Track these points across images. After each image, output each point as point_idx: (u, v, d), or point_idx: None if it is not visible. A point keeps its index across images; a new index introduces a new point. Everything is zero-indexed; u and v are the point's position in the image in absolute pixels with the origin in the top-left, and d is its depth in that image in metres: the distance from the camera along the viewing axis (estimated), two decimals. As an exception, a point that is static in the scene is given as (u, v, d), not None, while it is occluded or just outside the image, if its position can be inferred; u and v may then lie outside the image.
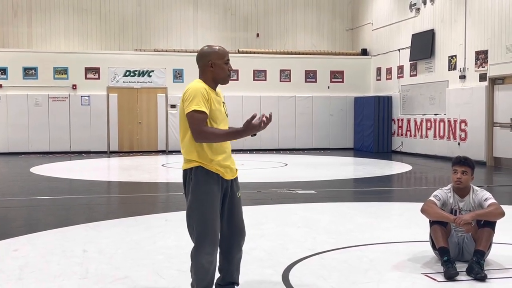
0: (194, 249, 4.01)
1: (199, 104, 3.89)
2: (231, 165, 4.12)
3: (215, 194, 4.00)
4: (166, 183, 13.15)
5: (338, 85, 22.26)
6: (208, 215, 3.97)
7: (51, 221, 7.91)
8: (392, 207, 9.28)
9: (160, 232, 6.90)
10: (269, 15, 23.33)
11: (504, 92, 15.20)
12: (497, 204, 5.21)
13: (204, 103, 3.91)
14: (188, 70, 20.88)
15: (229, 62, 4.13)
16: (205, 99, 3.93)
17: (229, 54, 4.19)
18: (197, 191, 3.97)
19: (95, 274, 5.08)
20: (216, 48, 4.12)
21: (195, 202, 3.99)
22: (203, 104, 3.90)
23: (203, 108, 3.89)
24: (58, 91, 20.12)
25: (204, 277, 4.01)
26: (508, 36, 14.83)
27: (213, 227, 3.99)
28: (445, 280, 4.82)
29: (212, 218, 3.98)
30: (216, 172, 4.01)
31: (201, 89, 3.96)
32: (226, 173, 4.07)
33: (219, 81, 4.11)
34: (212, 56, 4.07)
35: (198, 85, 4.00)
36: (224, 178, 4.06)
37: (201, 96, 3.92)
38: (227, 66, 4.11)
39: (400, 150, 20.23)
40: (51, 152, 19.94)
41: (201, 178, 3.98)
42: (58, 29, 21.81)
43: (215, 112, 4.02)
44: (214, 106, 4.01)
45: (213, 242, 3.99)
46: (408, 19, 19.56)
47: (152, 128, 20.83)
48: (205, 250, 3.96)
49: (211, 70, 4.06)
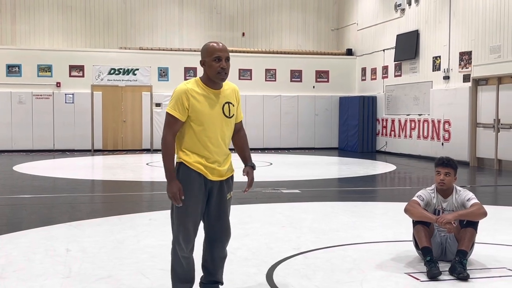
0: (172, 243, 4.10)
1: (173, 108, 3.96)
2: (218, 166, 4.06)
3: (195, 194, 3.99)
4: (151, 182, 13.11)
5: (323, 85, 22.32)
6: (186, 214, 3.99)
7: (34, 219, 7.86)
8: (376, 207, 9.32)
9: (144, 231, 6.88)
10: (255, 14, 23.33)
11: (488, 93, 15.33)
12: (479, 204, 5.25)
13: (178, 106, 3.94)
14: (173, 68, 20.87)
15: (221, 59, 3.97)
16: (180, 102, 3.93)
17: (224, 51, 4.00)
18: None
19: (78, 273, 5.05)
20: (208, 45, 4.04)
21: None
22: (177, 107, 3.94)
23: (174, 113, 3.95)
24: (42, 88, 19.98)
25: (181, 271, 4.08)
26: (492, 37, 14.95)
27: (188, 225, 4.01)
28: (428, 279, 4.85)
29: (189, 217, 4.00)
30: (198, 171, 4.00)
31: (182, 92, 3.96)
32: (211, 174, 4.04)
33: (212, 79, 4.02)
34: (204, 53, 4.04)
35: (181, 87, 4.00)
36: (208, 179, 4.04)
37: (178, 99, 3.95)
38: (218, 64, 3.98)
39: (384, 150, 20.33)
40: (34, 150, 19.78)
41: (183, 176, 4.00)
42: (42, 26, 21.64)
43: (199, 113, 3.97)
44: (200, 108, 3.97)
45: (187, 240, 4.02)
46: (393, 20, 19.65)
47: (137, 126, 20.74)
48: (180, 246, 4.03)
49: (204, 68, 4.04)
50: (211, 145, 4.02)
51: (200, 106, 3.97)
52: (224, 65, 3.98)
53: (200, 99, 3.98)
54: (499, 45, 14.68)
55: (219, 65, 3.98)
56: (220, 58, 3.98)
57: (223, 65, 3.98)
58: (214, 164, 4.04)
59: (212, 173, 4.04)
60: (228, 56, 4.03)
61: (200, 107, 3.97)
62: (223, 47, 4.04)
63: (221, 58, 3.98)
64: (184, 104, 3.93)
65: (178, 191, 3.91)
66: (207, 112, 3.99)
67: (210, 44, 4.04)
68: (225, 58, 3.99)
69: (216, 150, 4.04)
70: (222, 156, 4.08)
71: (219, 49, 4.00)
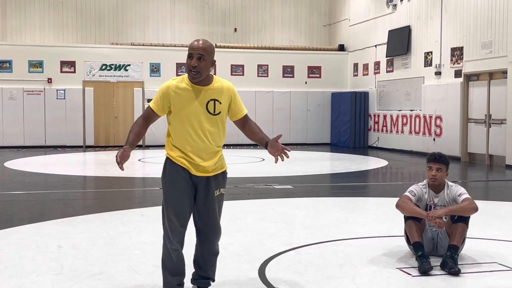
0: (163, 236, 4.14)
1: (153, 101, 4.08)
2: (202, 162, 4.03)
3: (181, 187, 4.02)
4: (143, 178, 13.08)
5: (315, 81, 22.33)
6: (172, 207, 4.03)
7: (26, 216, 7.84)
8: (368, 202, 9.35)
9: (136, 227, 6.87)
10: (247, 10, 23.31)
11: (479, 89, 15.38)
12: (471, 199, 5.27)
13: (158, 101, 4.05)
14: (165, 64, 20.82)
15: (192, 56, 3.89)
16: (161, 97, 4.04)
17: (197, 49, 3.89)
18: (164, 183, 4.10)
19: (70, 269, 5.04)
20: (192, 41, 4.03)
21: (163, 193, 4.12)
22: (155, 101, 4.06)
23: (152, 105, 4.08)
24: (33, 84, 19.88)
25: (170, 264, 4.12)
26: (483, 33, 15.00)
27: (172, 217, 4.03)
28: (419, 274, 4.87)
29: (175, 211, 4.03)
30: (182, 165, 4.02)
31: (165, 88, 4.05)
32: (196, 169, 4.03)
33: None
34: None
35: (166, 84, 4.08)
36: (192, 173, 4.04)
37: (159, 93, 4.05)
38: (189, 61, 3.93)
39: (376, 146, 20.37)
40: (25, 146, 19.70)
41: (168, 170, 4.07)
42: (33, 21, 21.54)
43: (182, 110, 3.98)
44: (181, 104, 3.98)
45: (173, 232, 4.04)
46: (385, 15, 19.67)
47: (129, 122, 20.62)
48: (168, 239, 4.07)
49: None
50: (193, 140, 4.01)
51: (181, 102, 3.99)
52: (194, 62, 3.89)
53: (182, 94, 3.99)
54: (490, 40, 14.73)
55: (190, 63, 3.94)
56: (192, 55, 3.92)
57: (193, 63, 3.90)
58: (197, 159, 4.02)
59: (196, 168, 4.03)
60: (202, 54, 3.89)
61: (181, 103, 3.99)
62: (199, 45, 3.92)
63: (193, 55, 3.91)
64: (164, 99, 4.01)
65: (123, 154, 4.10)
66: (187, 108, 3.99)
67: (191, 42, 4.01)
68: (197, 56, 3.89)
69: (198, 145, 4.02)
70: (206, 152, 4.05)
71: (192, 47, 3.93)
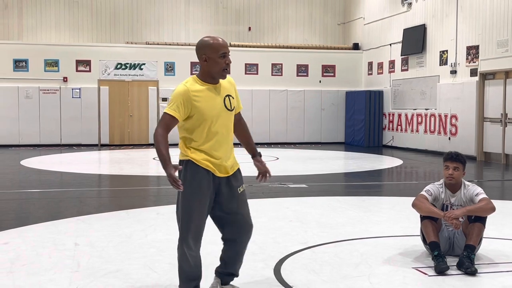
0: (179, 240, 4.04)
1: (171, 108, 3.89)
2: (224, 162, 4.03)
3: (203, 191, 3.97)
4: (157, 177, 13.10)
5: (329, 80, 22.27)
6: (194, 211, 3.96)
7: (42, 214, 7.89)
8: (383, 201, 9.31)
9: (152, 226, 6.90)
10: (261, 8, 23.29)
11: (495, 87, 15.27)
12: (488, 199, 5.24)
13: (177, 107, 3.89)
14: (180, 63, 20.86)
15: (226, 55, 3.96)
16: (180, 103, 3.89)
17: (227, 46, 4.00)
18: (185, 185, 3.91)
19: (86, 267, 5.07)
20: (210, 41, 3.97)
21: (182, 196, 3.97)
22: (176, 108, 3.89)
23: (172, 112, 3.88)
24: (49, 83, 20.01)
25: (188, 269, 4.03)
26: (499, 31, 14.88)
27: (197, 223, 3.98)
28: (435, 274, 4.85)
29: (197, 215, 3.97)
30: (206, 168, 3.98)
31: (180, 92, 3.91)
32: (219, 171, 4.03)
33: (215, 76, 3.99)
34: (206, 50, 3.95)
35: (181, 88, 3.94)
36: (216, 175, 4.02)
37: (178, 100, 3.89)
38: (224, 60, 3.96)
39: (391, 145, 20.28)
40: (41, 145, 19.84)
41: (190, 173, 3.96)
42: (49, 21, 21.68)
43: (204, 111, 3.92)
44: (202, 105, 3.92)
45: (196, 238, 4.00)
46: (399, 14, 19.58)
47: (143, 121, 20.76)
48: (188, 244, 3.98)
49: (206, 64, 3.97)
50: (217, 140, 3.99)
51: (202, 103, 3.93)
52: (228, 60, 3.99)
53: (201, 96, 3.94)
54: (507, 39, 14.61)
55: (225, 61, 3.96)
56: (225, 54, 3.96)
57: (228, 60, 3.98)
58: (220, 160, 4.01)
59: (219, 169, 4.02)
60: (229, 51, 4.03)
61: (202, 104, 3.93)
62: (226, 42, 4.03)
63: (226, 54, 3.97)
64: (186, 105, 3.89)
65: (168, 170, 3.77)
66: (209, 108, 3.95)
67: (211, 41, 3.98)
68: (228, 53, 4.00)
69: (222, 145, 4.02)
70: (227, 151, 4.06)
71: (223, 45, 3.98)
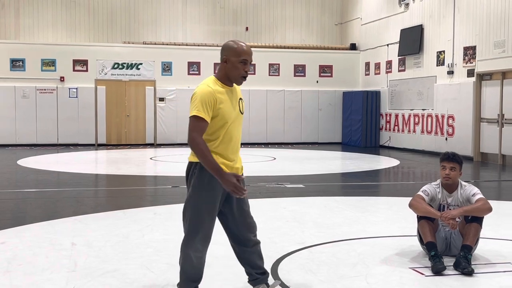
0: (184, 241, 3.99)
1: (199, 110, 3.80)
2: (236, 164, 4.04)
3: (216, 194, 3.94)
4: (154, 176, 13.13)
5: (326, 80, 22.29)
6: (204, 213, 3.94)
7: (39, 214, 7.88)
8: (380, 202, 9.32)
9: (149, 226, 6.90)
10: (258, 8, 23.29)
11: (492, 88, 15.29)
12: (484, 199, 5.25)
13: (206, 109, 3.82)
14: (177, 63, 20.87)
15: (247, 62, 3.95)
16: (208, 105, 3.83)
17: (251, 54, 3.98)
18: (199, 188, 3.90)
19: (83, 267, 5.07)
20: (234, 45, 3.96)
21: (194, 198, 3.93)
22: (204, 110, 3.81)
23: (202, 115, 3.80)
24: (46, 83, 19.99)
25: (190, 270, 4.00)
26: (496, 32, 14.91)
27: (207, 226, 3.96)
28: (432, 274, 4.86)
29: (208, 217, 3.95)
30: None
31: (207, 94, 3.85)
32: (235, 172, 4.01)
33: (232, 80, 3.99)
34: (229, 52, 3.95)
35: (205, 89, 3.87)
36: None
37: (205, 102, 3.82)
38: (244, 67, 3.95)
39: (387, 145, 20.30)
40: (38, 144, 19.82)
41: (204, 176, 3.90)
42: (46, 20, 21.65)
43: (225, 113, 3.90)
44: (224, 107, 3.90)
45: (204, 240, 3.97)
46: (397, 14, 19.60)
47: (140, 121, 20.75)
48: (195, 246, 3.95)
49: (225, 66, 3.97)
50: (233, 144, 4.00)
51: (225, 105, 3.92)
52: (248, 69, 3.99)
53: (224, 98, 3.92)
54: (504, 40, 14.64)
55: (244, 68, 3.96)
56: (246, 61, 3.97)
57: (247, 68, 3.98)
58: (233, 162, 4.01)
59: (235, 171, 4.00)
60: (252, 60, 4.03)
61: (225, 106, 3.91)
62: (250, 50, 4.01)
63: (247, 61, 3.97)
64: (211, 105, 3.84)
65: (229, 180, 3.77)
66: (230, 111, 3.95)
67: (235, 45, 3.98)
68: (250, 61, 4.01)
69: (235, 148, 4.04)
70: (238, 153, 4.09)
71: (247, 52, 3.97)
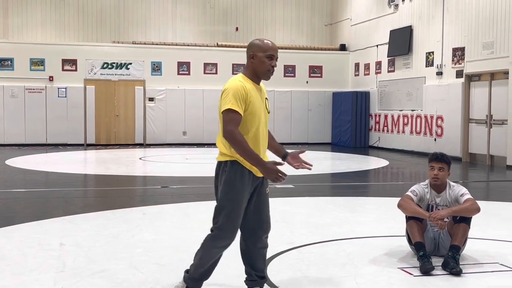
0: (212, 236, 4.06)
1: (234, 104, 3.86)
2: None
3: (246, 191, 4.02)
4: (144, 177, 13.10)
5: (316, 80, 22.33)
6: (235, 211, 4.00)
7: (27, 214, 7.84)
8: (369, 202, 9.35)
9: (138, 226, 6.88)
10: (248, 9, 23.31)
11: (480, 89, 15.38)
12: (473, 200, 5.28)
13: (239, 103, 3.88)
14: (167, 63, 20.83)
15: (273, 58, 4.02)
16: (241, 99, 3.89)
17: (277, 50, 4.05)
18: (230, 186, 3.97)
19: (72, 267, 5.05)
20: (260, 42, 4.06)
21: (226, 196, 3.99)
22: (238, 104, 3.87)
23: (236, 108, 3.86)
24: (35, 82, 19.89)
25: (206, 264, 4.09)
26: (485, 33, 15.00)
27: (236, 224, 4.04)
28: (421, 274, 4.88)
29: (238, 215, 4.02)
30: (249, 169, 4.01)
31: (240, 88, 3.91)
32: (259, 171, 4.06)
33: (259, 75, 4.05)
34: (255, 48, 4.03)
35: (237, 83, 3.94)
36: (256, 176, 4.07)
37: (238, 95, 3.89)
38: (270, 62, 4.02)
39: (377, 146, 20.37)
40: (27, 144, 19.71)
41: (235, 174, 3.97)
42: (35, 20, 21.55)
43: (255, 108, 3.97)
44: (255, 102, 3.97)
45: (231, 237, 4.06)
46: (386, 15, 19.67)
47: (130, 121, 20.69)
48: (221, 242, 4.03)
49: (252, 62, 4.03)
50: (261, 141, 4.07)
51: (255, 101, 3.98)
52: (274, 64, 4.05)
53: (254, 95, 3.99)
54: (492, 41, 14.73)
55: (271, 63, 4.03)
56: (273, 56, 4.04)
57: (274, 63, 4.04)
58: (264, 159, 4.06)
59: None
60: (278, 56, 4.08)
61: (255, 102, 3.98)
62: (276, 46, 4.08)
63: (273, 56, 4.04)
64: (243, 99, 3.91)
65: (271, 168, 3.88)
66: (258, 107, 4.02)
67: (263, 41, 4.07)
68: (276, 57, 4.06)
69: (263, 145, 4.11)
70: (265, 151, 4.14)
71: (273, 48, 4.05)
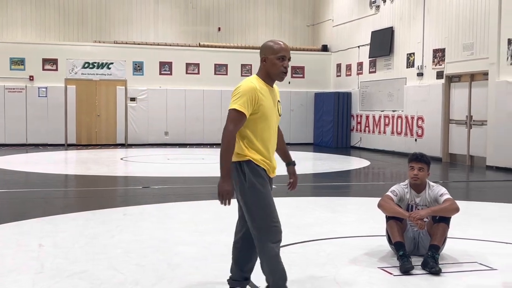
0: (261, 243, 3.97)
1: (241, 105, 3.88)
2: (274, 163, 4.12)
3: (268, 186, 4.03)
4: (125, 177, 13.03)
5: (298, 81, 22.37)
6: (268, 206, 3.97)
7: (6, 214, 7.76)
8: (350, 202, 9.38)
9: (118, 226, 6.84)
10: (231, 9, 23.29)
11: (460, 90, 15.51)
12: (452, 200, 5.32)
13: (247, 104, 3.89)
14: (149, 63, 20.74)
15: (285, 58, 4.02)
16: (250, 100, 3.90)
17: (288, 51, 4.05)
18: (254, 185, 3.95)
19: (51, 268, 5.01)
20: (271, 43, 4.06)
21: (254, 196, 3.96)
22: (245, 105, 3.88)
23: (243, 109, 3.87)
24: (15, 82, 19.69)
25: (277, 267, 3.98)
26: (465, 35, 15.13)
27: (276, 217, 3.99)
28: (400, 274, 4.90)
29: (272, 209, 3.99)
30: (264, 168, 4.02)
31: (250, 90, 3.92)
32: (272, 172, 4.08)
33: (272, 77, 4.05)
34: (266, 50, 4.03)
35: (249, 84, 3.96)
36: (269, 175, 4.08)
37: (247, 96, 3.89)
38: (282, 63, 4.02)
39: (358, 146, 20.46)
40: (6, 144, 19.51)
41: (255, 172, 3.97)
42: (15, 18, 21.32)
43: (267, 110, 3.98)
44: (266, 105, 3.98)
45: (279, 230, 3.98)
46: (368, 16, 19.76)
47: (111, 121, 20.58)
48: (272, 240, 3.95)
49: (264, 64, 4.04)
50: (271, 142, 4.08)
51: (266, 103, 3.99)
52: (287, 64, 4.05)
53: (266, 96, 4.00)
54: (472, 42, 14.86)
55: (283, 64, 4.02)
56: (284, 57, 4.03)
57: (286, 64, 4.04)
58: (271, 161, 4.09)
59: (272, 170, 4.09)
60: (290, 57, 4.08)
61: (266, 104, 3.99)
62: (288, 47, 4.08)
63: (285, 57, 4.04)
64: (253, 102, 3.90)
65: (231, 191, 3.86)
66: (270, 109, 4.02)
67: (274, 42, 4.07)
68: (288, 58, 4.06)
69: (273, 146, 4.12)
70: (273, 153, 4.16)
71: (284, 49, 4.04)
